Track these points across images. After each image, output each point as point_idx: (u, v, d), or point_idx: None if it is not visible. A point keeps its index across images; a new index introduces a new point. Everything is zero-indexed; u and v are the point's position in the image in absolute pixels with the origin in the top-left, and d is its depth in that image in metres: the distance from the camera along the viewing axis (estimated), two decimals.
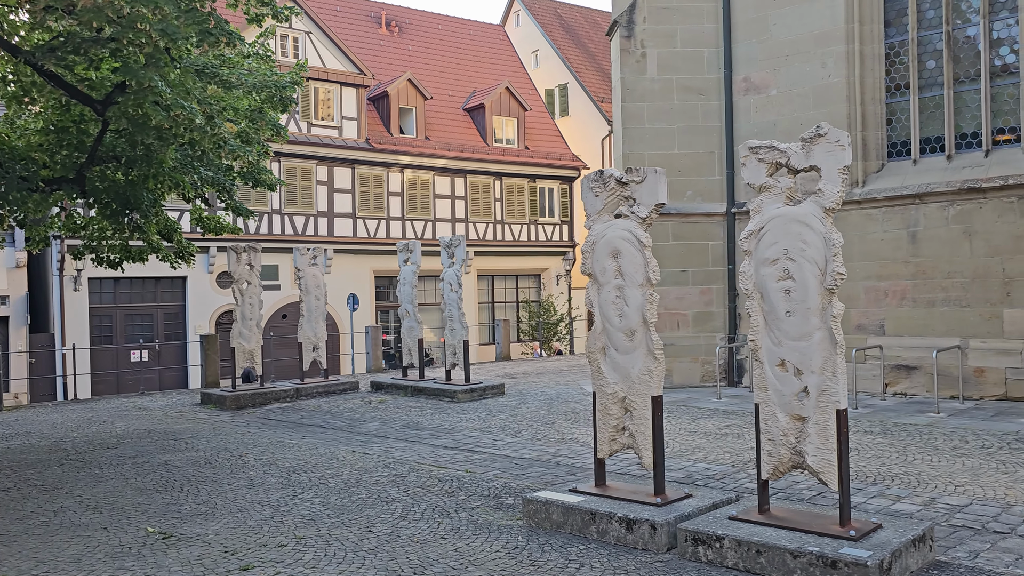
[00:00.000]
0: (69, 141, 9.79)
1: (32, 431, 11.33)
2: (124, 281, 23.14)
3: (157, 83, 6.87)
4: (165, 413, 12.79)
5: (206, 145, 8.48)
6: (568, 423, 10.62)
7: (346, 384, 14.62)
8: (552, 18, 38.00)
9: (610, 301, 5.97)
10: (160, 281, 23.81)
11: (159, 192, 9.67)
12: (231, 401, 13.05)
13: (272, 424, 11.47)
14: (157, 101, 7.27)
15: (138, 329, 23.56)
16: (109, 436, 10.67)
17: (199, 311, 24.20)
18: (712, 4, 13.66)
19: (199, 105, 7.94)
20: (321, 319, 14.56)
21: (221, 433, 10.63)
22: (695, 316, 13.76)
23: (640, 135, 13.76)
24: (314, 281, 14.51)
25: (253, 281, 13.66)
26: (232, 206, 11.22)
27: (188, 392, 15.83)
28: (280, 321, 25.59)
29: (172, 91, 7.34)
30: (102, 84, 8.52)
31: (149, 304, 23.77)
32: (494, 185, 29.94)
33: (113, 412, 13.07)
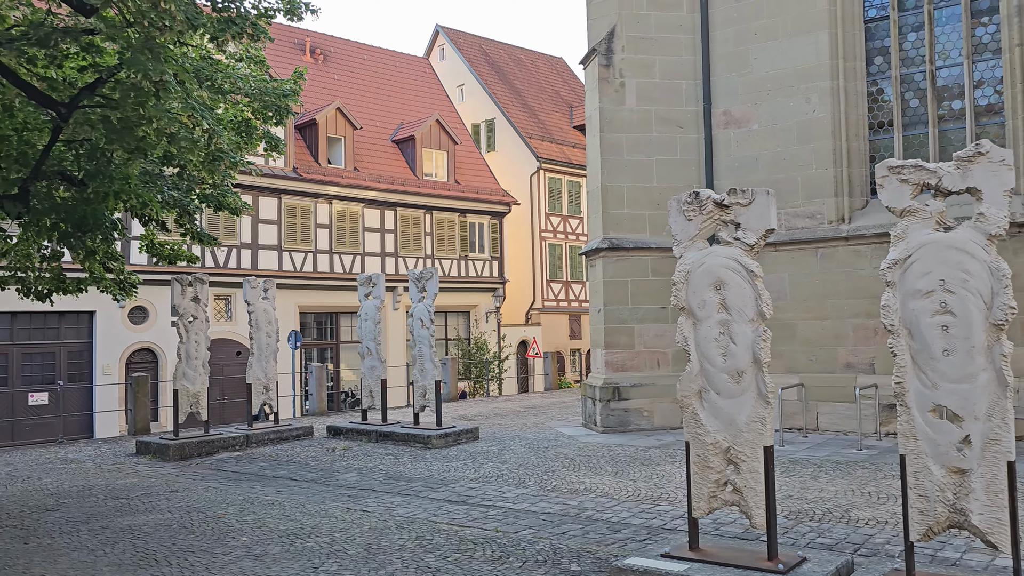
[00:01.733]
0: (8, 152, 8.42)
1: None
2: (23, 316, 20.94)
3: (169, 79, 5.79)
4: (98, 466, 11.23)
5: (192, 157, 7.35)
6: (570, 470, 9.81)
7: (299, 429, 13.33)
8: (477, 53, 37.72)
9: (711, 338, 5.27)
10: (64, 316, 21.68)
11: (125, 211, 8.38)
12: (174, 451, 11.60)
13: (231, 477, 10.17)
14: (164, 100, 6.15)
15: (37, 369, 21.30)
16: (43, 495, 9.14)
17: (108, 350, 22.15)
18: (690, 37, 13.42)
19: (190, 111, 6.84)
20: (272, 358, 13.29)
21: (178, 489, 9.28)
22: (675, 354, 13.24)
23: (619, 166, 13.28)
24: (265, 316, 13.25)
25: (199, 316, 12.30)
26: (194, 232, 9.97)
27: (119, 441, 14.11)
28: None
29: (182, 90, 6.25)
30: (64, 85, 7.29)
31: (51, 341, 21.57)
32: (424, 219, 29.04)
33: (34, 465, 11.39)
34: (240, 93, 7.56)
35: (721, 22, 13.21)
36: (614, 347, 13.19)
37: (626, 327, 13.21)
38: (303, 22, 8.62)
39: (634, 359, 13.21)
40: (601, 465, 10.12)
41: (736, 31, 13.09)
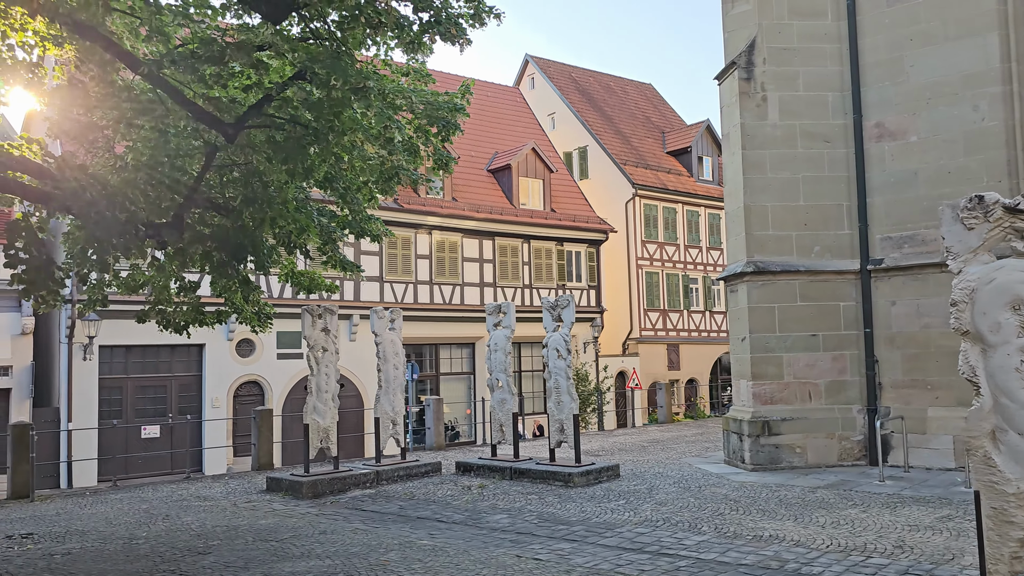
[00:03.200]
0: (161, 180, 8.18)
1: (85, 529, 9.37)
2: (136, 349, 21.13)
3: (372, 84, 5.33)
4: (233, 503, 10.86)
5: (368, 176, 6.92)
6: (741, 514, 8.94)
7: (428, 466, 12.79)
8: (567, 81, 37.39)
9: (1009, 368, 4.44)
10: (175, 349, 21.81)
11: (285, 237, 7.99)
12: (307, 488, 11.17)
13: (374, 517, 9.64)
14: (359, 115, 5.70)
15: (150, 402, 21.45)
16: (189, 535, 8.76)
17: (217, 382, 22.18)
18: (836, 46, 12.58)
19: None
20: (400, 391, 12.82)
21: (326, 531, 8.78)
22: (828, 386, 12.25)
23: (762, 185, 12.46)
24: (392, 348, 12.81)
25: (330, 348, 11.93)
26: (336, 260, 9.58)
27: (245, 476, 13.77)
28: (303, 393, 23.58)
29: (379, 99, 5.79)
30: (227, 105, 6.95)
31: (163, 375, 21.71)
32: (521, 248, 28.57)
33: (168, 502, 11.11)
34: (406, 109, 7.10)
35: (871, 29, 12.35)
36: (761, 378, 12.28)
37: (773, 356, 12.30)
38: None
39: (783, 391, 12.26)
40: (773, 508, 9.22)
41: (888, 38, 12.20)
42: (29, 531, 9.33)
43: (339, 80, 5.38)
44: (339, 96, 5.48)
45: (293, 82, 6.51)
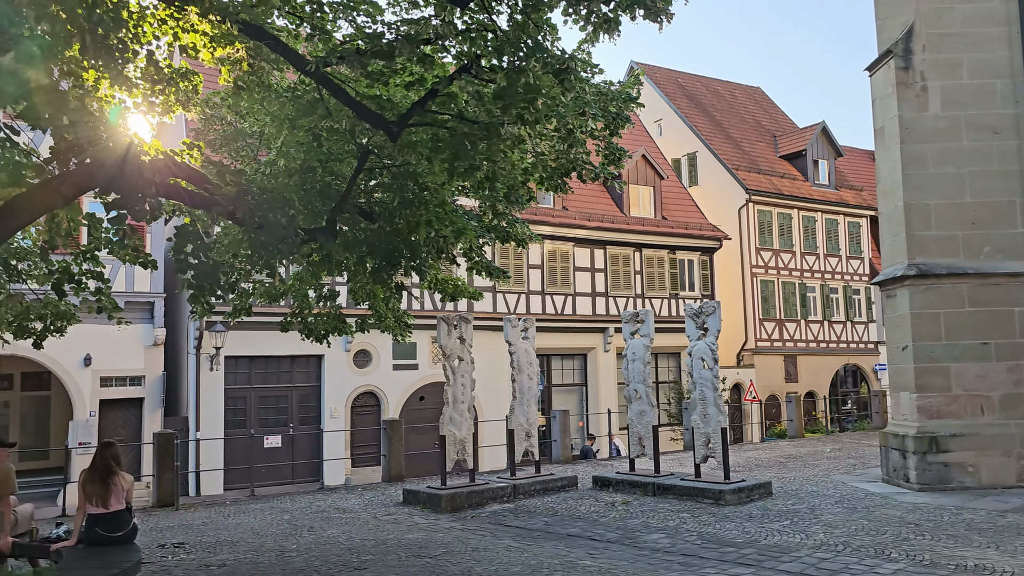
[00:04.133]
0: (314, 184, 8.05)
1: (234, 539, 9.30)
2: (259, 360, 21.52)
3: (575, 66, 4.96)
4: (374, 516, 10.66)
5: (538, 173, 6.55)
6: (929, 540, 8.12)
7: (564, 480, 12.34)
8: (674, 87, 36.58)
9: None
10: (295, 360, 22.13)
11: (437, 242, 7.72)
12: (446, 502, 10.88)
13: (522, 534, 9.23)
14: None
15: (272, 412, 21.78)
16: (339, 549, 8.55)
17: (335, 393, 22.35)
18: (1004, 29, 11.58)
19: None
20: (534, 402, 12.44)
21: (479, 548, 8.42)
22: (1002, 399, 11.19)
23: (924, 182, 11.54)
24: (526, 357, 12.44)
25: (466, 357, 11.65)
26: (483, 265, 9.28)
27: (378, 488, 13.57)
28: (418, 404, 23.59)
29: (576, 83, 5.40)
30: (388, 103, 6.70)
31: (284, 385, 22.02)
32: (633, 257, 27.91)
33: (309, 514, 11.00)
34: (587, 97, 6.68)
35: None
36: (926, 390, 11.32)
37: (940, 367, 11.32)
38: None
39: (951, 404, 11.27)
40: (963, 534, 8.35)
41: None
42: (180, 540, 9.33)
43: (538, 63, 5.01)
44: (532, 83, 5.10)
45: (461, 75, 6.20)
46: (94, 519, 6.42)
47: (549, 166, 6.70)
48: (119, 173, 6.05)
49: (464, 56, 6.29)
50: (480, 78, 6.12)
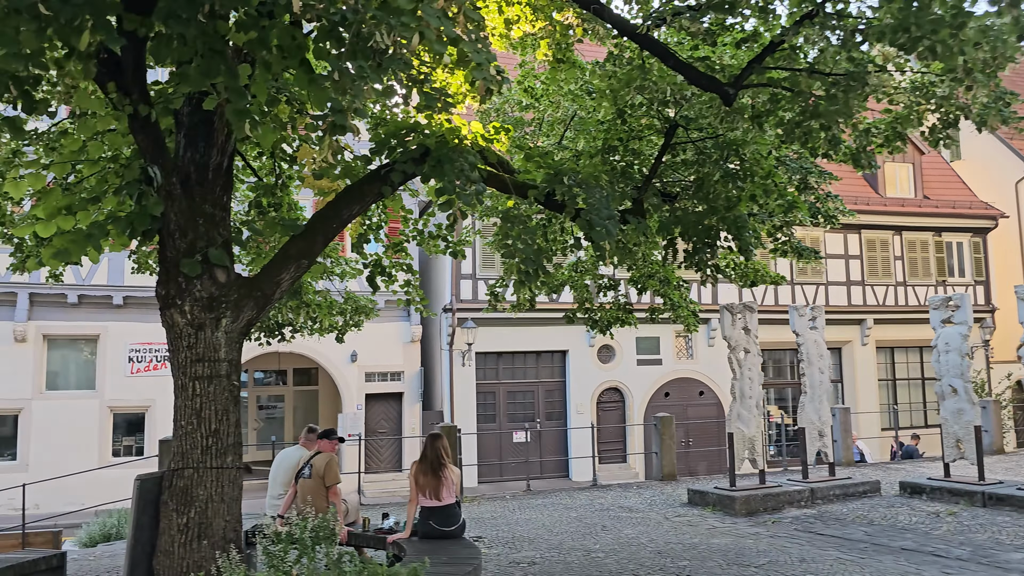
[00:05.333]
0: (613, 165, 7.59)
1: (530, 536, 9.09)
2: (506, 356, 21.76)
3: None
4: (664, 516, 10.10)
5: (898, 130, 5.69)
6: None
7: (864, 485, 11.13)
8: None
9: None
10: (540, 356, 22.18)
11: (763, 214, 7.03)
12: (740, 504, 10.09)
13: (843, 544, 8.25)
14: None
15: (519, 408, 21.95)
16: (647, 552, 8.04)
17: (580, 388, 22.13)
18: None
19: None
20: (826, 399, 11.32)
21: (805, 559, 7.57)
22: None
23: None
24: (816, 349, 11.35)
25: (752, 349, 10.78)
26: (792, 246, 8.44)
27: (654, 486, 12.98)
28: (662, 399, 22.87)
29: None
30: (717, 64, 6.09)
31: (531, 380, 22.13)
32: (892, 241, 25.44)
33: (592, 512, 10.65)
34: None
35: None
36: None
37: None
38: None
39: None
40: None
41: None
42: (477, 535, 9.27)
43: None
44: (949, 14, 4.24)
45: (806, 23, 5.44)
46: (427, 512, 6.33)
47: (911, 118, 5.75)
48: (443, 158, 5.88)
49: (809, 1, 5.52)
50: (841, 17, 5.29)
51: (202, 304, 5.47)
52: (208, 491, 5.37)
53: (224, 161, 5.71)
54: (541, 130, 9.26)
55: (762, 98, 6.00)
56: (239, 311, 5.62)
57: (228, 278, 5.58)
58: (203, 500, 5.36)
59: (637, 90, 6.41)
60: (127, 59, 4.80)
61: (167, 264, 5.51)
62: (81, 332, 18.13)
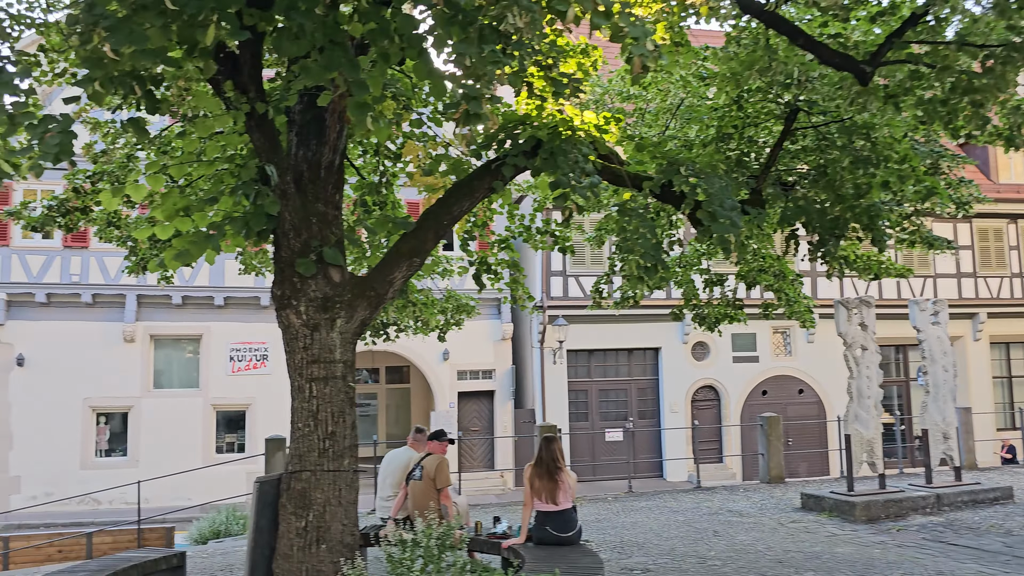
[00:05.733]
0: (728, 154, 7.22)
1: (639, 541, 8.78)
2: (598, 353, 21.43)
3: None
4: (778, 522, 9.65)
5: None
6: None
7: (996, 491, 10.40)
8: None
9: None
10: (632, 353, 21.75)
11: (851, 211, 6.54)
12: (860, 510, 9.54)
13: (983, 557, 7.66)
14: None
15: (612, 406, 21.59)
16: (766, 560, 7.64)
17: (674, 387, 21.61)
18: None
19: None
20: (950, 399, 10.63)
21: (943, 572, 7.05)
22: None
23: None
24: (939, 346, 10.68)
25: (869, 346, 10.20)
26: (923, 236, 7.89)
27: (761, 489, 12.47)
28: (760, 398, 22.14)
29: None
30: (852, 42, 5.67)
31: (623, 378, 21.74)
32: (1007, 230, 23.97)
33: (700, 515, 10.27)
34: None
35: None
36: None
37: None
38: None
39: None
40: None
41: None
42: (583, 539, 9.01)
43: None
44: None
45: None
46: (543, 517, 6.12)
47: None
48: (556, 150, 5.65)
49: None
50: None
51: (317, 304, 5.39)
52: (326, 494, 5.29)
53: (336, 159, 5.63)
54: (643, 120, 8.94)
55: (899, 76, 5.55)
56: (353, 311, 5.52)
57: (342, 277, 5.48)
58: (321, 504, 5.27)
59: (759, 72, 6.04)
60: (244, 56, 4.74)
61: (282, 264, 5.45)
62: (185, 332, 18.71)
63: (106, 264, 18.01)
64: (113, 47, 3.25)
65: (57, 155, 3.17)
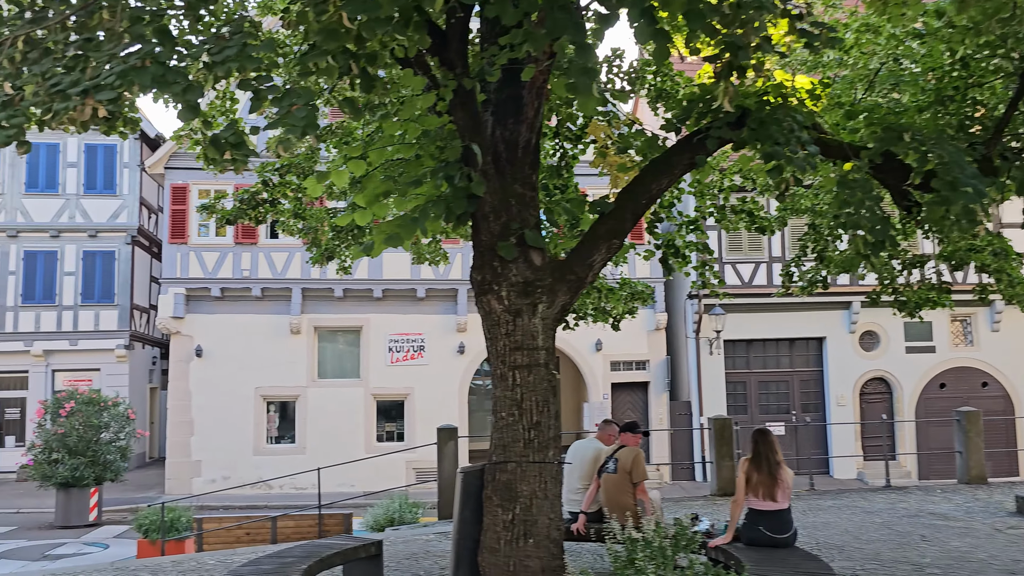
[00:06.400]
0: (947, 119, 6.50)
1: (836, 543, 8.14)
2: (757, 344, 20.50)
3: None
4: (995, 528, 8.73)
5: None
6: None
7: None
8: None
9: None
10: (794, 343, 20.68)
11: None
12: None
13: None
14: None
15: (772, 399, 20.62)
16: (991, 570, 6.87)
17: (840, 378, 20.37)
18: None
19: None
20: None
21: None
22: None
23: None
24: None
25: None
26: None
27: (961, 490, 11.39)
28: (936, 392, 20.54)
29: None
30: None
31: (784, 370, 20.71)
32: None
33: (897, 517, 9.46)
34: None
35: None
36: None
37: None
38: None
39: None
40: None
41: None
42: None
43: None
44: None
45: None
46: (756, 516, 5.70)
47: None
48: (767, 119, 5.19)
49: None
50: None
51: (518, 289, 5.18)
52: (532, 487, 5.08)
53: (533, 138, 5.41)
54: (844, 86, 8.24)
55: None
56: (554, 295, 5.28)
57: (543, 261, 5.25)
58: (527, 496, 5.07)
59: (1000, 23, 5.34)
60: (452, 31, 4.57)
61: (481, 248, 5.28)
62: (346, 324, 19.29)
63: (273, 259, 18.82)
64: (349, 15, 3.12)
65: (304, 128, 3.08)
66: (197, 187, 18.60)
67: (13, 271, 21.12)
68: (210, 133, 3.49)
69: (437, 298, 19.54)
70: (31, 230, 21.21)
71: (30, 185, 21.29)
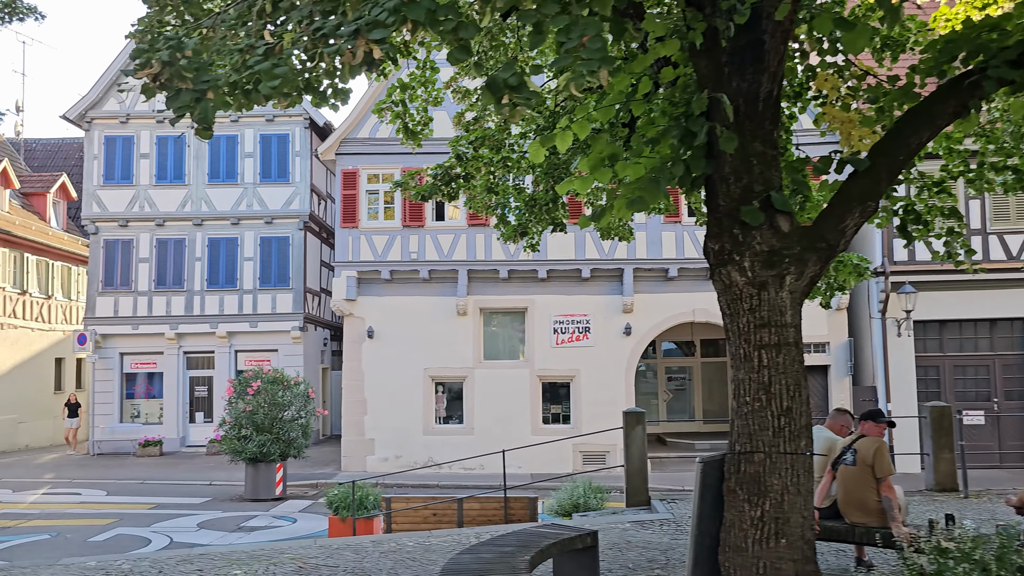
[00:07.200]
0: None
1: None
2: (952, 325, 18.73)
3: None
4: None
5: None
6: None
7: None
8: None
9: None
10: (995, 324, 18.74)
11: None
12: None
13: None
14: None
15: (970, 385, 18.81)
16: None
17: None
18: None
19: None
20: None
21: None
22: None
23: None
24: None
25: None
26: None
27: None
28: None
29: None
30: None
31: (984, 353, 18.83)
32: None
33: None
34: None
35: None
36: None
37: None
38: None
39: None
40: None
41: None
42: None
43: None
44: None
45: None
46: None
47: None
48: None
49: None
50: None
51: (763, 259, 4.63)
52: (783, 480, 4.54)
53: (774, 89, 4.80)
54: None
55: None
56: (803, 266, 4.69)
57: (791, 227, 4.66)
58: (778, 491, 4.53)
59: None
60: None
61: (719, 214, 4.76)
62: (511, 305, 19.16)
63: (440, 241, 18.94)
64: None
65: (600, 62, 2.69)
66: (366, 172, 18.96)
67: (199, 257, 22.41)
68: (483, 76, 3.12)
69: (602, 278, 19.05)
70: (214, 218, 22.42)
71: (212, 175, 22.49)
